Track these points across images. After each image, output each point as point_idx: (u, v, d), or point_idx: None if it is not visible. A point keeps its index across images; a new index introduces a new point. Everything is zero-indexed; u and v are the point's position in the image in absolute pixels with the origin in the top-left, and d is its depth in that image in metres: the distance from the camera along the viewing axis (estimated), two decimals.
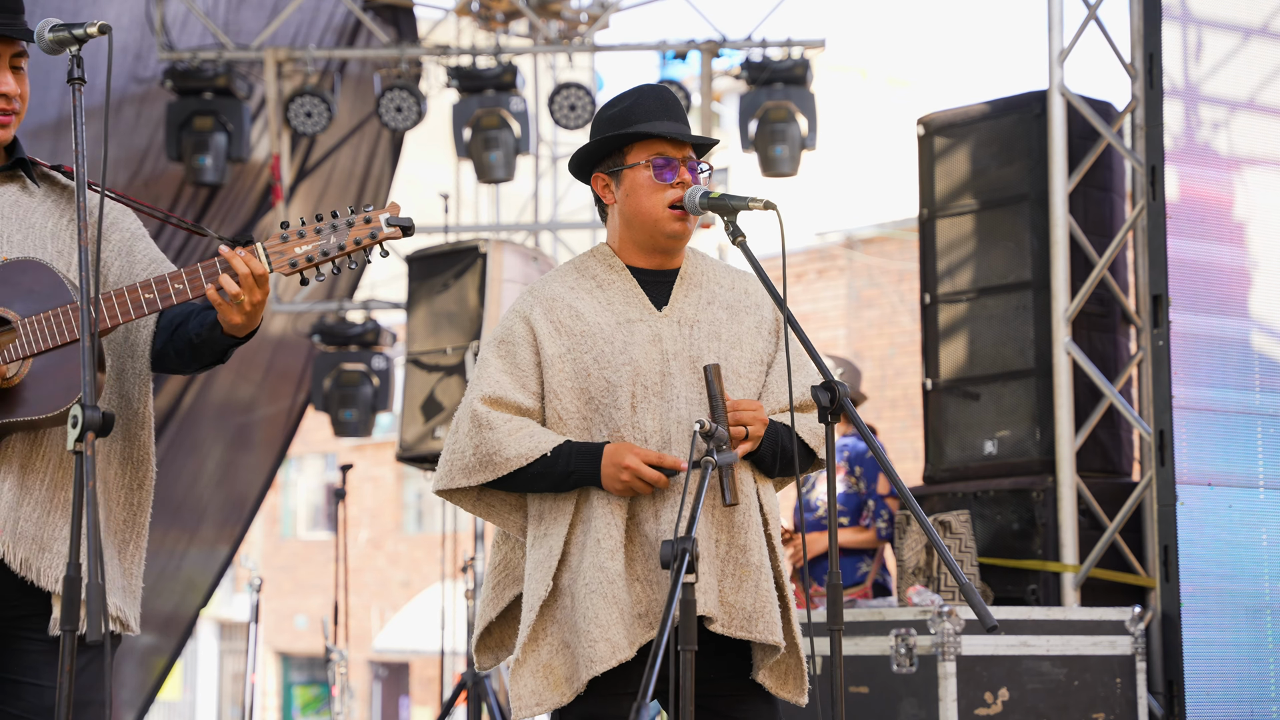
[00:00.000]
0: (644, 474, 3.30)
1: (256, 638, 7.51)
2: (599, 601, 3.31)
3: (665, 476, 3.31)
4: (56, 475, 3.16)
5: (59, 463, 3.17)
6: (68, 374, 3.08)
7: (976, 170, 6.56)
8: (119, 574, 3.29)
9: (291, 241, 3.12)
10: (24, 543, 3.11)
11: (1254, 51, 6.41)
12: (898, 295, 17.84)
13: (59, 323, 3.08)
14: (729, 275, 3.59)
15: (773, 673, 3.45)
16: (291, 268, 3.11)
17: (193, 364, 3.29)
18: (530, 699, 3.38)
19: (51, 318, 3.09)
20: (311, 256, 3.11)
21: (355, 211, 3.13)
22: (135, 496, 3.32)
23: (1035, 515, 6.20)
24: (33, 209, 3.25)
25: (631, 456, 3.30)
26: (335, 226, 3.12)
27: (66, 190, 3.31)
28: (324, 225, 3.12)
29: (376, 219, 3.12)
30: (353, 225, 3.12)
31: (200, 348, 3.23)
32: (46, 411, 3.08)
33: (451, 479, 3.44)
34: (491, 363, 3.46)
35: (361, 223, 3.12)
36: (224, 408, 10.31)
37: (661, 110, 3.49)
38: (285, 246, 3.12)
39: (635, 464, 3.30)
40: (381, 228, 3.11)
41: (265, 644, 24.20)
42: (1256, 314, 6.23)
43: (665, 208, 3.44)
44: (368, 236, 3.11)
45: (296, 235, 3.12)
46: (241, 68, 9.23)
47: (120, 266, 3.28)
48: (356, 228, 3.12)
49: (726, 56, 9.74)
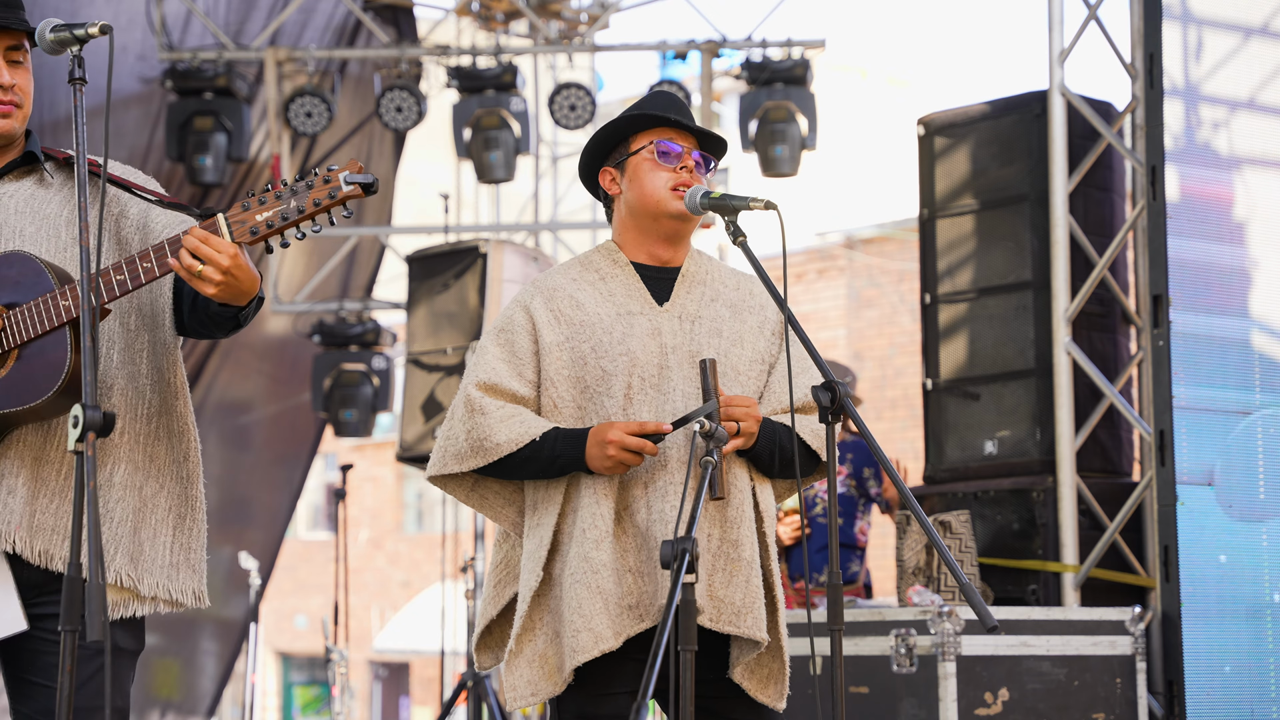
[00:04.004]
0: (627, 443, 3.28)
1: (256, 638, 7.51)
2: (583, 591, 3.31)
3: (651, 444, 3.31)
4: (72, 464, 3.16)
5: None
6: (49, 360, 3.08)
7: (977, 170, 6.56)
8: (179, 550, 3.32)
9: (252, 209, 3.07)
10: (43, 534, 3.12)
11: (1254, 51, 6.41)
12: (898, 295, 17.84)
13: (42, 311, 3.09)
14: (733, 276, 3.60)
15: (754, 675, 3.44)
16: (253, 235, 3.06)
17: (217, 331, 3.28)
18: (526, 689, 3.39)
19: (32, 308, 3.09)
20: (272, 222, 3.05)
21: (316, 173, 3.08)
22: (184, 469, 3.34)
23: (1035, 515, 6.20)
24: (48, 200, 3.26)
25: (613, 431, 3.30)
26: (295, 190, 3.06)
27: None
28: (284, 190, 3.07)
29: (336, 178, 3.05)
30: (312, 187, 3.06)
31: (216, 318, 3.22)
32: (33, 400, 3.07)
33: (444, 464, 3.45)
34: (490, 350, 3.47)
35: (321, 183, 3.05)
36: (226, 407, 10.31)
37: (670, 108, 3.53)
38: (245, 215, 3.07)
39: (618, 436, 3.29)
40: (341, 186, 3.04)
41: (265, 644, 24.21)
42: (1256, 314, 6.23)
43: (668, 188, 3.45)
44: (327, 197, 3.04)
45: (258, 203, 3.07)
46: (241, 68, 9.23)
47: (139, 241, 3.28)
48: (316, 189, 3.05)
49: (726, 56, 9.74)
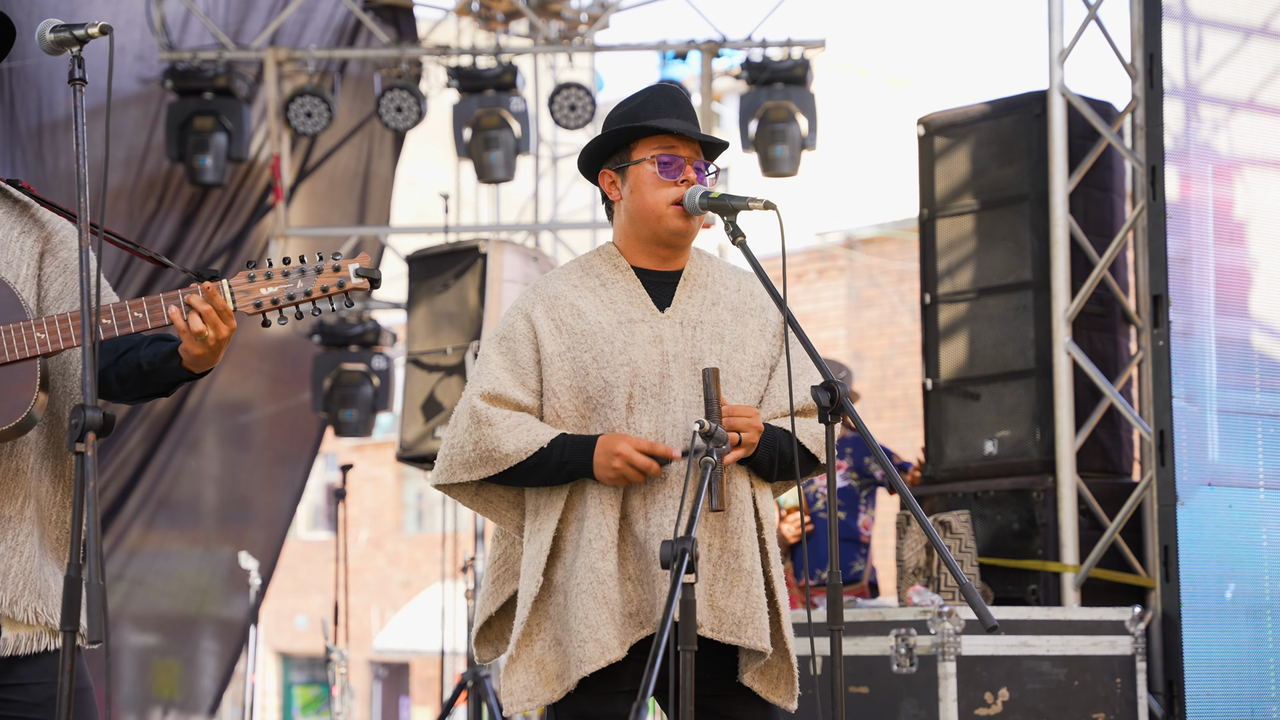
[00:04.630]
0: (635, 460, 3.29)
1: (256, 638, 7.51)
2: (589, 602, 3.32)
3: (657, 464, 3.31)
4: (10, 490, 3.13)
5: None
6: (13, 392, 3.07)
7: (976, 170, 6.56)
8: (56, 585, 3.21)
9: (258, 282, 3.12)
10: None
11: (1254, 51, 6.41)
12: (898, 295, 17.84)
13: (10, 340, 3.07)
14: (735, 277, 3.59)
15: (763, 677, 3.45)
16: (255, 308, 3.11)
17: (134, 392, 3.25)
18: (522, 694, 3.40)
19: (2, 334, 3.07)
20: (277, 299, 3.11)
21: (324, 259, 3.13)
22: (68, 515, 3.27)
23: (1035, 515, 6.20)
24: None
25: (623, 444, 3.30)
26: (304, 271, 3.12)
27: (19, 204, 3.29)
28: (292, 269, 3.12)
29: (345, 268, 3.12)
30: (321, 272, 3.12)
31: (150, 376, 3.20)
32: None
33: (452, 474, 3.45)
34: (492, 359, 3.47)
35: (330, 270, 3.12)
36: (226, 408, 10.31)
37: (671, 109, 3.50)
38: (251, 286, 3.12)
39: (627, 451, 3.30)
40: (349, 277, 3.11)
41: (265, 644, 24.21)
42: (1256, 314, 6.23)
43: (668, 204, 3.44)
44: (334, 285, 3.11)
45: (264, 276, 3.12)
46: (241, 68, 9.23)
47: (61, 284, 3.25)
48: (324, 275, 3.12)
49: (726, 56, 9.74)
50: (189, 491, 10.13)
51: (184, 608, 10.18)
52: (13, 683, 3.14)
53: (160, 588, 9.83)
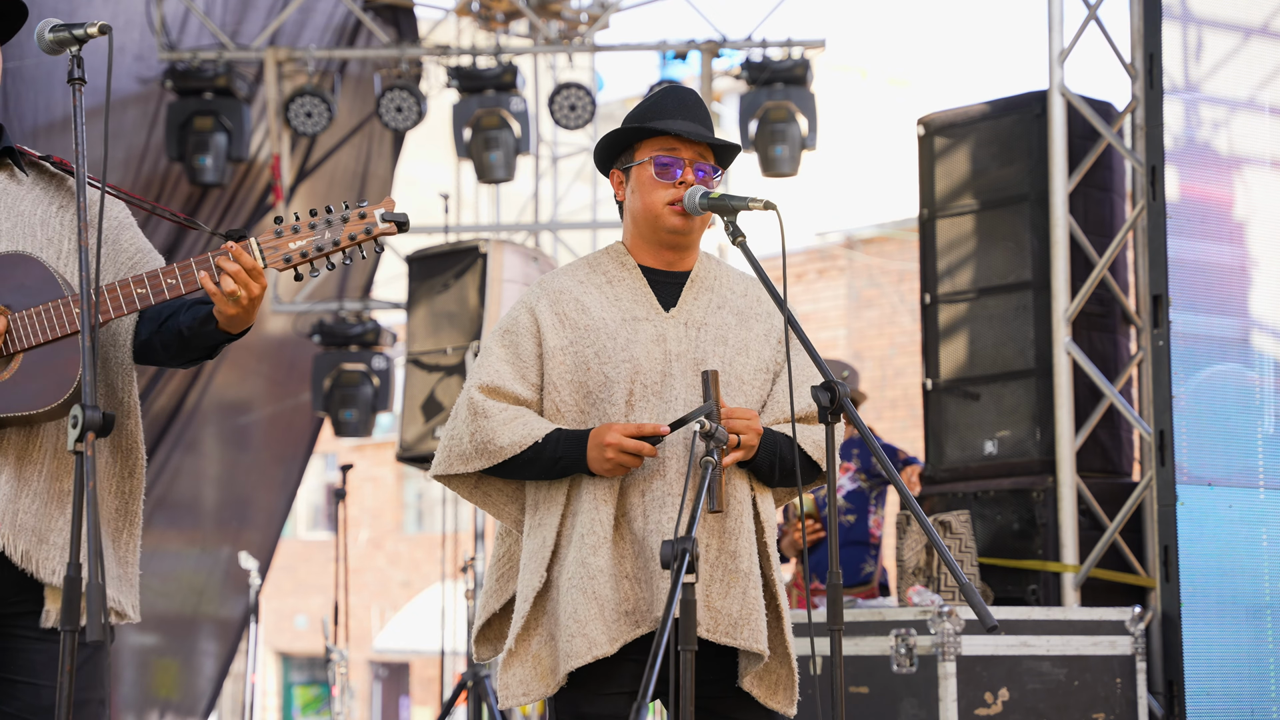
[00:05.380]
0: (625, 445, 3.30)
1: (256, 638, 7.51)
2: (578, 597, 3.33)
3: (649, 445, 3.31)
4: (53, 466, 3.16)
5: (55, 454, 3.17)
6: (59, 369, 3.08)
7: (976, 170, 6.56)
8: (114, 563, 3.27)
9: (285, 237, 3.12)
10: (24, 535, 3.11)
11: (1254, 51, 6.41)
12: (898, 295, 17.84)
13: (51, 317, 3.08)
14: (742, 282, 3.60)
15: (762, 682, 3.45)
16: (285, 263, 3.11)
17: (179, 357, 3.27)
18: (518, 688, 3.41)
19: (43, 312, 3.09)
20: (305, 252, 3.10)
21: (350, 207, 3.12)
22: (127, 485, 3.32)
23: (1035, 515, 6.20)
24: (21, 197, 3.25)
25: (611, 433, 3.31)
26: (330, 222, 3.11)
27: (55, 178, 3.31)
28: (318, 220, 3.12)
29: (371, 214, 3.11)
30: (347, 220, 3.11)
31: (190, 341, 3.22)
32: (40, 406, 3.08)
33: (449, 465, 3.47)
34: (494, 351, 3.48)
35: (356, 218, 3.11)
36: (225, 408, 10.31)
37: (678, 110, 3.50)
38: (279, 242, 3.11)
39: (616, 439, 3.30)
40: (376, 223, 3.10)
41: (265, 644, 24.21)
42: (1256, 314, 6.23)
43: (665, 204, 3.45)
44: (362, 232, 3.10)
45: (291, 230, 3.12)
46: (241, 67, 9.23)
47: (105, 254, 3.26)
48: (351, 223, 3.11)
49: (726, 56, 9.74)
50: (187, 491, 10.13)
51: (181, 608, 10.18)
52: (25, 681, 3.14)
53: (157, 588, 9.82)
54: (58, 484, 3.16)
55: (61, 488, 3.15)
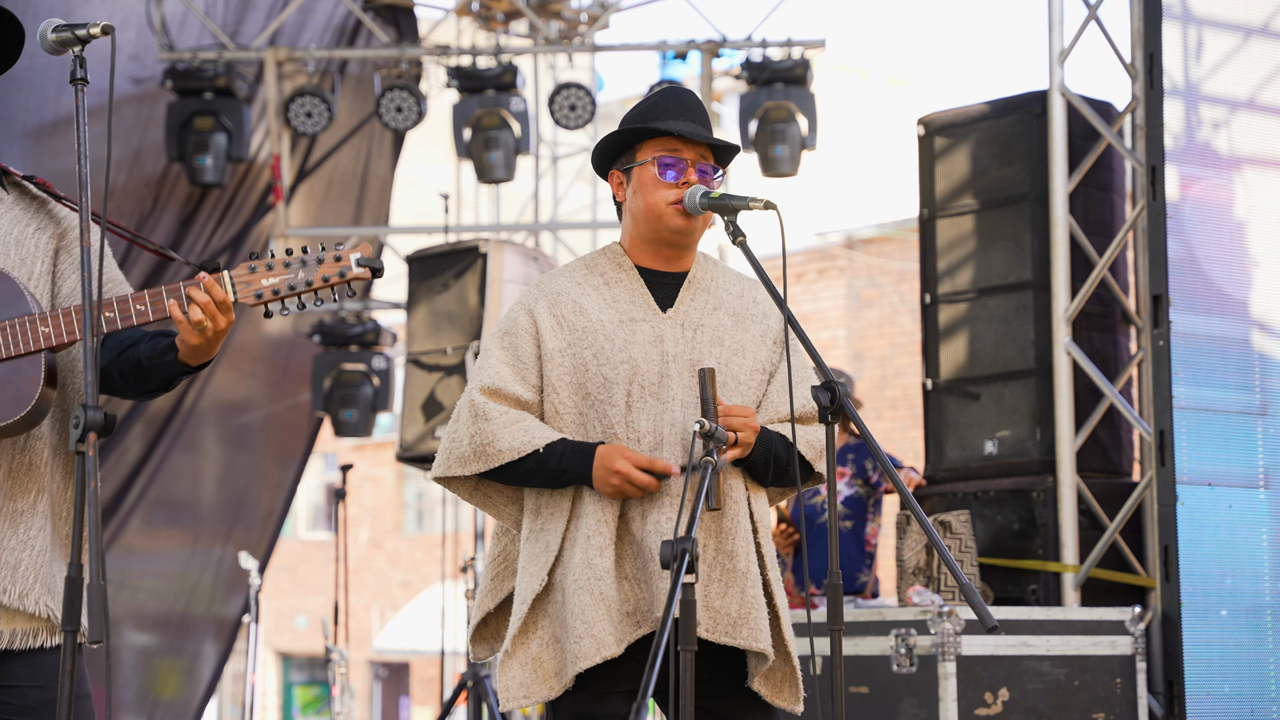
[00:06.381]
0: (634, 478, 3.31)
1: (256, 638, 7.51)
2: (586, 598, 3.33)
3: (656, 480, 3.32)
4: (7, 486, 3.14)
5: (9, 473, 3.15)
6: (17, 386, 3.08)
7: (976, 170, 6.56)
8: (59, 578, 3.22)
9: (259, 273, 3.13)
10: None
11: (1254, 51, 6.41)
12: (898, 295, 17.84)
13: (16, 334, 3.08)
14: (739, 283, 3.60)
15: (767, 681, 3.45)
16: (257, 299, 3.12)
17: (136, 387, 3.26)
18: (518, 691, 3.41)
19: (6, 329, 3.08)
20: (278, 289, 3.12)
21: (326, 249, 3.14)
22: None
23: (1035, 515, 6.20)
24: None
25: (622, 461, 3.31)
26: (304, 262, 3.13)
27: (36, 200, 3.30)
28: (293, 260, 3.13)
29: (347, 258, 3.13)
30: (322, 262, 3.13)
31: (149, 371, 3.22)
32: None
33: (449, 467, 3.47)
34: (494, 353, 3.48)
35: (331, 260, 3.13)
36: (224, 408, 10.31)
37: (679, 111, 3.51)
38: (253, 277, 3.13)
39: (625, 469, 3.31)
40: (351, 267, 3.12)
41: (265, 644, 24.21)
42: (1256, 314, 6.23)
43: (668, 204, 3.45)
44: (336, 275, 3.12)
45: (265, 267, 3.13)
46: (241, 67, 9.23)
47: (75, 280, 3.26)
48: (326, 264, 3.13)
49: (726, 56, 9.73)
50: (186, 491, 10.12)
51: (180, 608, 10.18)
52: (9, 684, 3.14)
53: (153, 588, 9.82)
54: (11, 503, 3.14)
55: (14, 507, 3.13)
